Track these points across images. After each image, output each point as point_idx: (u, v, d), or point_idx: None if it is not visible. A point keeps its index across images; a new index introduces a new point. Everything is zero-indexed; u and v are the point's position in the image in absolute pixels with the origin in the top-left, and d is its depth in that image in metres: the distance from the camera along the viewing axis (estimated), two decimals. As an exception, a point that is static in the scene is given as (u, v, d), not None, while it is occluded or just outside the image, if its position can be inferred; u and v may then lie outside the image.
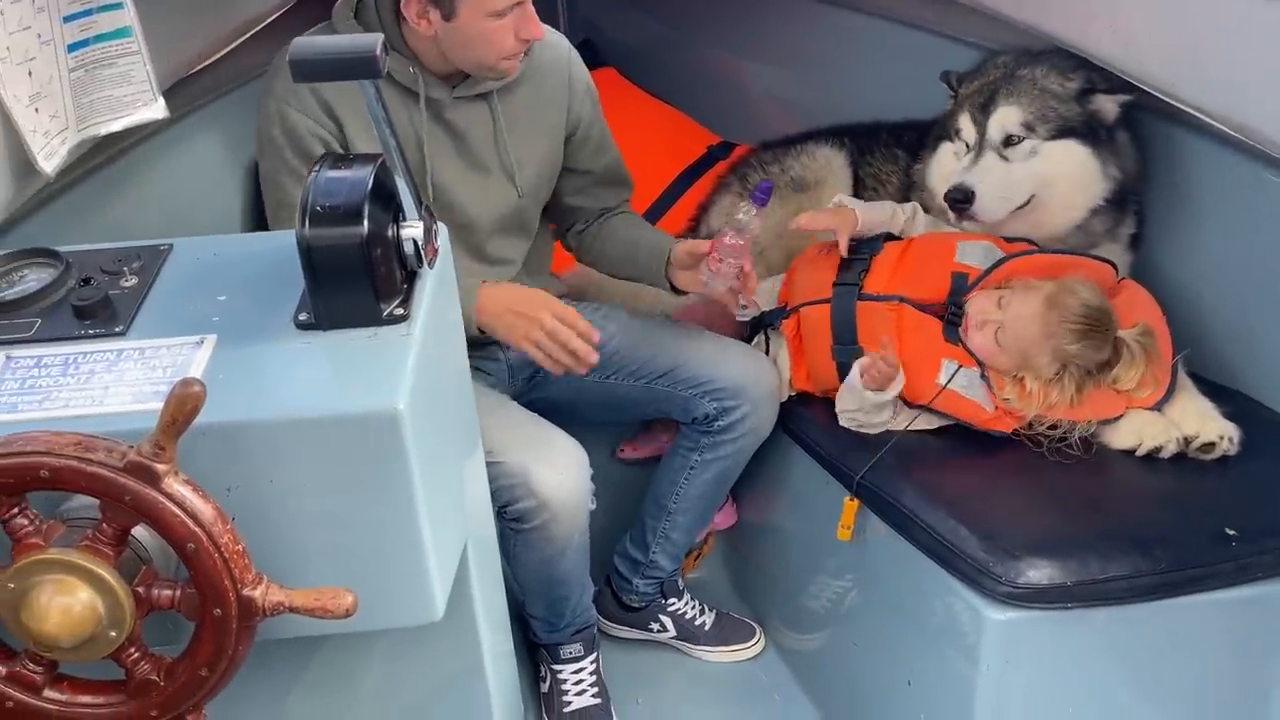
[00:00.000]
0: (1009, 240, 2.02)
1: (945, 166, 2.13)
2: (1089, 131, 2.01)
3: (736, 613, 2.35)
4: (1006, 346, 1.85)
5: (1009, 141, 2.03)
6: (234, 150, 2.21)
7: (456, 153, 1.88)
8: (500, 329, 1.81)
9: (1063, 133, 2.01)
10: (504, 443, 1.80)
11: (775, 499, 2.22)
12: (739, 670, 2.27)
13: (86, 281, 1.27)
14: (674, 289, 2.02)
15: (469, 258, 1.96)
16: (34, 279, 1.29)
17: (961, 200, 2.00)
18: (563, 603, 2.03)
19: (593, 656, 2.13)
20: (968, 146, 2.08)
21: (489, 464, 1.75)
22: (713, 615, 2.31)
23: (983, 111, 2.05)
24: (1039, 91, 2.02)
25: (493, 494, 1.77)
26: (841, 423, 1.95)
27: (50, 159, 1.53)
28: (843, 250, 2.02)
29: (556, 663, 2.11)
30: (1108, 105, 2.01)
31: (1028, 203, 2.04)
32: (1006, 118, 2.02)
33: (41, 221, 1.66)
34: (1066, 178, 2.02)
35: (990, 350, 1.87)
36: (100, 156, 1.81)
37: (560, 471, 1.82)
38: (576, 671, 2.11)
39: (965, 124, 2.08)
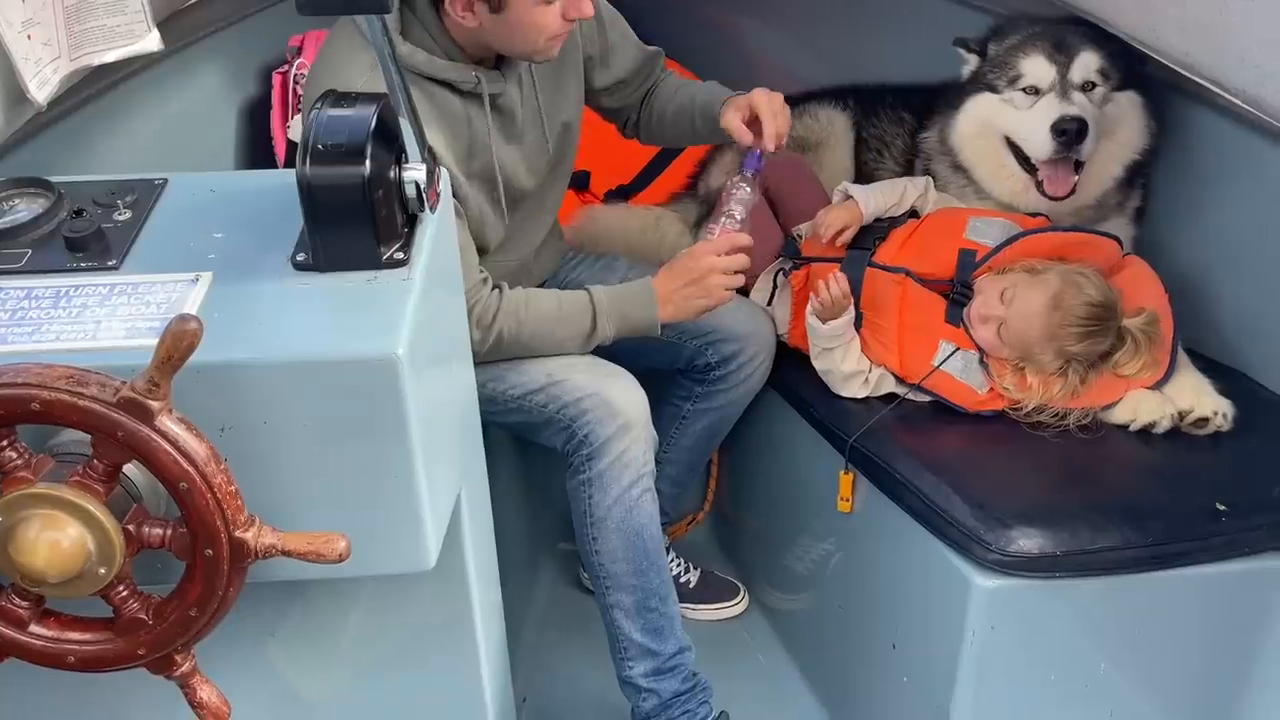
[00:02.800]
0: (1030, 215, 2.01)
1: (991, 115, 2.06)
2: (1144, 84, 1.99)
3: (721, 571, 2.36)
4: (1009, 342, 1.84)
5: (1085, 87, 1.98)
6: (229, 86, 2.18)
7: (507, 134, 1.82)
8: (689, 311, 1.82)
9: (1126, 84, 1.99)
10: (566, 364, 1.80)
11: (765, 460, 2.22)
12: (722, 629, 2.28)
13: (79, 213, 1.24)
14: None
15: (531, 220, 1.94)
16: (25, 209, 1.25)
17: (1078, 131, 1.92)
18: (652, 596, 1.83)
19: None
20: (1035, 90, 2.00)
21: (550, 385, 1.78)
22: (698, 573, 2.32)
23: (1061, 53, 1.98)
24: (1103, 40, 1.97)
25: (553, 416, 1.78)
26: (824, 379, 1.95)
27: (42, 88, 1.50)
28: (844, 240, 2.02)
29: None
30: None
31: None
32: (1089, 62, 1.97)
33: (31, 152, 1.63)
34: (1124, 130, 2.01)
35: (993, 344, 1.85)
36: (93, 88, 1.77)
37: (626, 383, 1.81)
38: None
39: (1037, 67, 1.99)
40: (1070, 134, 1.93)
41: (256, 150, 2.31)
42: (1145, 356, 1.81)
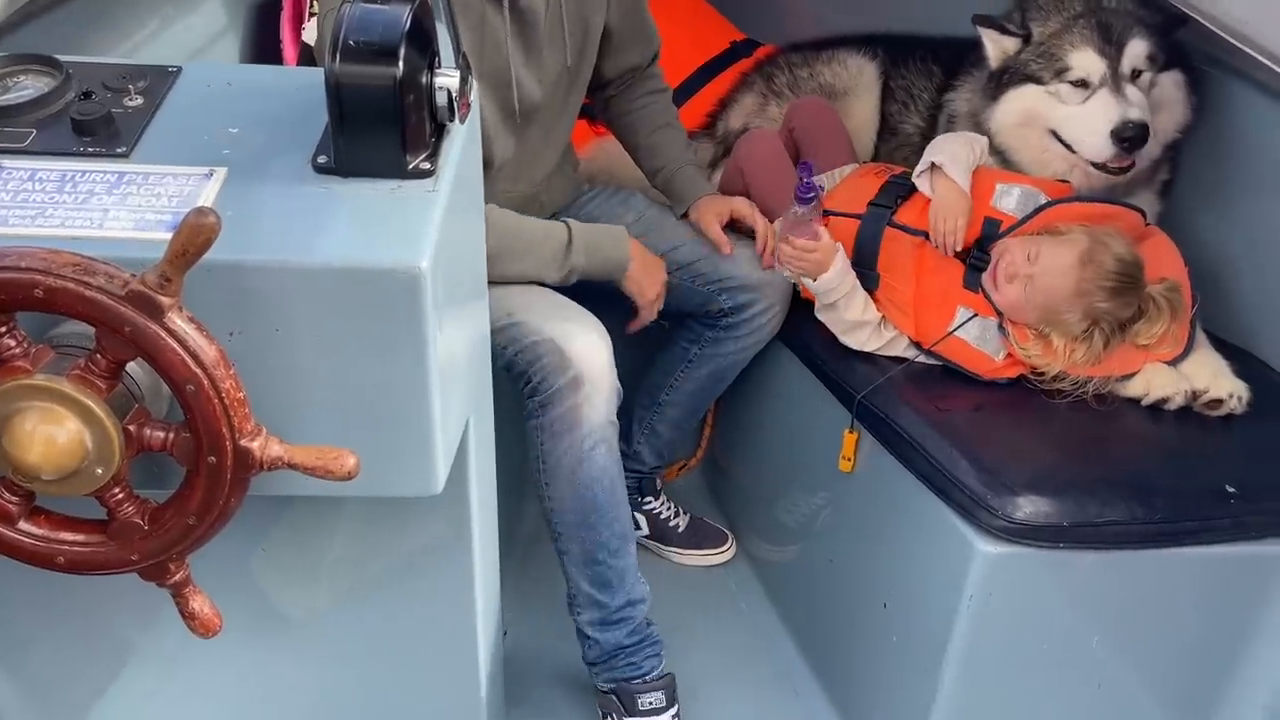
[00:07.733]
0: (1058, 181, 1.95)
1: (1037, 108, 1.96)
2: (1185, 61, 1.94)
3: (710, 519, 2.34)
4: (1035, 302, 1.78)
5: (1133, 75, 1.91)
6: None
7: (521, 39, 1.72)
8: (636, 279, 1.87)
9: (1169, 64, 1.94)
10: (526, 303, 1.74)
11: (766, 411, 2.18)
12: (707, 575, 2.27)
13: (88, 95, 1.18)
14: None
15: (541, 142, 1.87)
16: (30, 87, 1.19)
17: (1142, 137, 1.85)
18: (600, 549, 1.76)
19: (674, 711, 1.86)
20: (1084, 83, 1.91)
21: (509, 325, 1.71)
22: (687, 518, 2.30)
23: (1111, 45, 1.89)
24: (1147, 21, 1.91)
25: (511, 360, 1.72)
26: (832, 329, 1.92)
27: (50, -38, 1.42)
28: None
29: (632, 717, 1.84)
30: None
31: None
32: (1138, 50, 1.90)
33: (35, 31, 1.56)
34: (1167, 111, 1.96)
35: (1018, 305, 1.80)
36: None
37: (587, 332, 1.72)
38: None
39: (1086, 60, 1.90)
40: (1134, 140, 1.86)
41: (264, 54, 2.23)
42: (1166, 324, 1.77)
